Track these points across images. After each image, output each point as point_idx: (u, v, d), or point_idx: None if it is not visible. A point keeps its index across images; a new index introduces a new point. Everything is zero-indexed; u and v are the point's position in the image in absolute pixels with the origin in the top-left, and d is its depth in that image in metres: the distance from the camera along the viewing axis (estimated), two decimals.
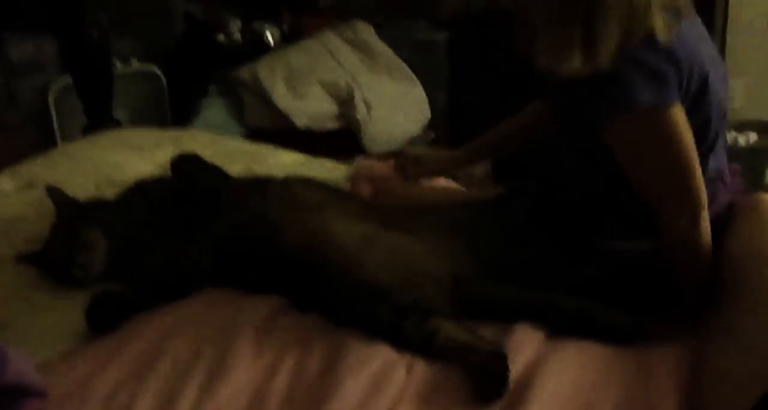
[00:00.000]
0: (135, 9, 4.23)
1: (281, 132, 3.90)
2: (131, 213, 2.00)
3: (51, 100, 3.91)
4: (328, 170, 2.44)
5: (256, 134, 3.93)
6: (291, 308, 1.78)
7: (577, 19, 1.55)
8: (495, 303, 1.74)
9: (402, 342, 1.61)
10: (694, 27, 1.70)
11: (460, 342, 1.58)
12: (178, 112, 4.23)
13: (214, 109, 4.07)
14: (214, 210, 1.92)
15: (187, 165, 2.11)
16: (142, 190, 2.07)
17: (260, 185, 1.98)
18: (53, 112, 3.94)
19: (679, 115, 1.61)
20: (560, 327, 1.69)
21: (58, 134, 3.94)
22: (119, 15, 4.08)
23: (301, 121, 3.91)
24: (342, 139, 3.88)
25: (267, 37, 4.23)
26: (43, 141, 3.79)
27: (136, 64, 4.21)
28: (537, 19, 1.61)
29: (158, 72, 4.24)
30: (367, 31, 4.25)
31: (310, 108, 3.94)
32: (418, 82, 4.19)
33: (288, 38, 4.29)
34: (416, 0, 4.34)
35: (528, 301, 1.73)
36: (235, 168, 2.25)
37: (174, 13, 4.42)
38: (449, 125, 4.27)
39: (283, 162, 2.54)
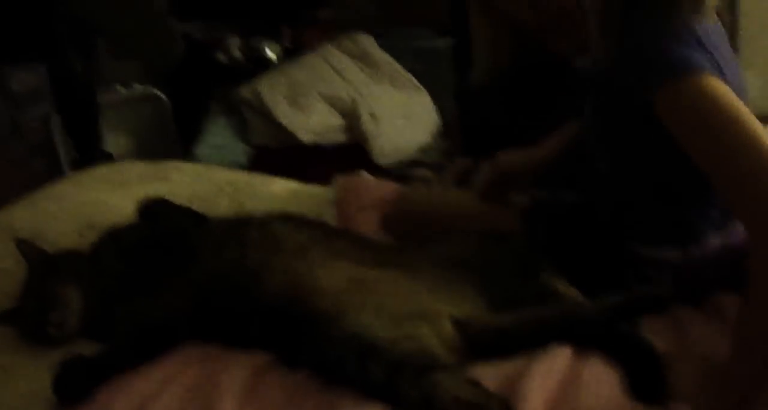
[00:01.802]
0: (134, 33, 4.17)
1: (287, 149, 3.81)
2: (105, 265, 1.88)
3: (55, 129, 3.84)
4: (322, 198, 2.31)
5: (261, 152, 3.86)
6: (277, 364, 1.64)
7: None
8: (501, 338, 1.59)
9: (398, 402, 1.45)
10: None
11: (463, 400, 1.41)
12: (183, 134, 4.15)
13: (218, 129, 3.98)
14: (189, 258, 1.80)
15: (156, 211, 2.00)
16: (115, 239, 1.95)
17: (238, 228, 1.84)
18: (58, 142, 3.87)
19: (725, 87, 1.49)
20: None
21: (64, 164, 3.87)
22: (119, 39, 4.03)
23: (305, 136, 3.79)
24: (351, 153, 3.75)
25: (267, 53, 4.14)
26: (49, 171, 3.72)
27: (137, 88, 4.15)
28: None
29: (161, 94, 4.16)
30: (367, 42, 4.14)
31: (314, 122, 3.82)
32: (424, 90, 4.06)
33: (289, 53, 4.19)
34: (417, 7, 4.20)
35: (541, 327, 1.59)
36: (222, 201, 2.15)
37: (173, 34, 4.33)
38: (460, 133, 4.15)
39: (273, 192, 2.42)
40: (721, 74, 1.52)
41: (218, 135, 3.96)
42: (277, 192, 2.43)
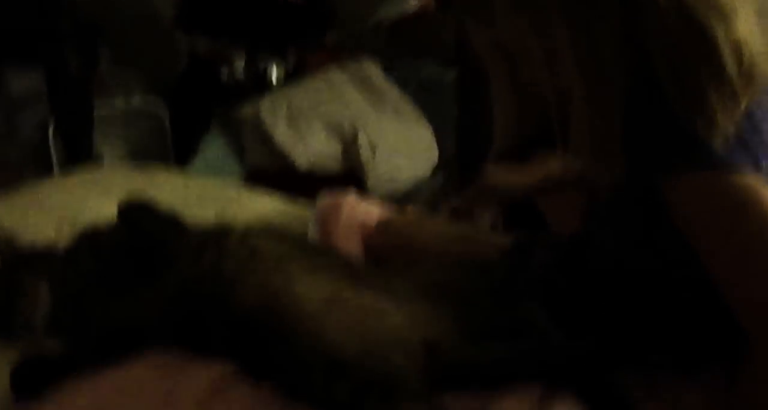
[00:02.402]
0: (138, 43, 4.17)
1: (282, 173, 3.78)
2: (78, 265, 1.82)
3: (51, 134, 3.82)
4: (308, 216, 2.24)
5: (256, 174, 3.82)
6: (241, 376, 1.58)
7: None
8: (474, 369, 1.54)
9: None
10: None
11: None
12: (181, 150, 4.13)
13: (214, 148, 3.96)
14: (165, 264, 1.74)
15: (136, 213, 1.96)
16: (91, 239, 1.89)
17: (217, 237, 1.78)
18: (53, 149, 3.85)
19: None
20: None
21: (56, 170, 3.85)
22: (122, 49, 4.03)
23: (302, 162, 3.77)
24: (346, 183, 3.71)
25: (271, 74, 4.12)
26: (41, 177, 3.69)
27: (137, 100, 4.14)
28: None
29: (160, 107, 4.15)
30: (373, 69, 4.10)
31: (312, 148, 3.79)
32: (425, 123, 4.01)
33: (293, 75, 4.17)
34: (425, 37, 4.17)
35: (516, 360, 1.55)
36: (206, 213, 2.10)
37: (178, 47, 4.33)
38: (457, 170, 4.11)
39: (260, 208, 2.38)
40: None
41: (214, 153, 3.94)
42: (264, 207, 2.39)
